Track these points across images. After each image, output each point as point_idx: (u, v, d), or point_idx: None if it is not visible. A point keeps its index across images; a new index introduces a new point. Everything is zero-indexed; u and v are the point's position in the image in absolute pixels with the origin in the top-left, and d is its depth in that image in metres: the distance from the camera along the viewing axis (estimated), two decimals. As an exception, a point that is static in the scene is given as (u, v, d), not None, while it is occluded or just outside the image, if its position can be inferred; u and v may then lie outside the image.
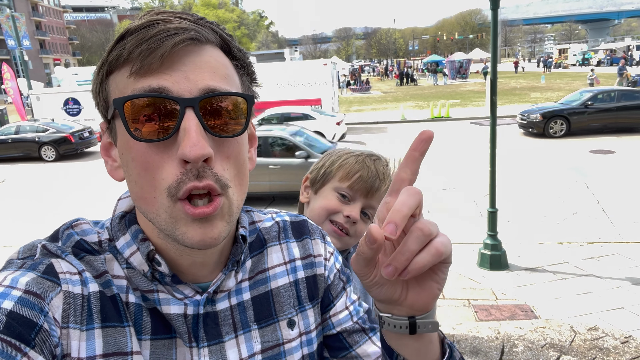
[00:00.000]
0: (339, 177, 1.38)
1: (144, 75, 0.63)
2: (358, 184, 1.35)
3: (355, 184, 1.35)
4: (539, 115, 15.12)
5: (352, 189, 1.36)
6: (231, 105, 0.67)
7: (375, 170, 1.37)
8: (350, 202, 1.36)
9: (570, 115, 14.97)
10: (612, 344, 4.04)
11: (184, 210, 0.64)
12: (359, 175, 1.35)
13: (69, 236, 0.74)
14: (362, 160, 1.39)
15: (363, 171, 1.36)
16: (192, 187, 0.63)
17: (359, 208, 1.35)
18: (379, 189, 1.36)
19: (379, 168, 1.39)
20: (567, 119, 14.97)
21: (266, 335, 0.81)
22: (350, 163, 1.39)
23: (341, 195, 1.37)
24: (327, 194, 1.39)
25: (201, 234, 0.65)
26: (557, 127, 15.06)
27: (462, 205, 8.81)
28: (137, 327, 0.71)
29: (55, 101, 20.38)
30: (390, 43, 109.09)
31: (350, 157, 1.41)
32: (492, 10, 5.59)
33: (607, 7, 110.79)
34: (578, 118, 14.95)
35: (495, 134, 5.89)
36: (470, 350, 4.05)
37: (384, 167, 1.41)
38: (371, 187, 1.35)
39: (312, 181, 1.45)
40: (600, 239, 6.85)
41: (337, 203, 1.36)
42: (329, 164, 1.43)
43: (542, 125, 15.05)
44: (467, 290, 5.47)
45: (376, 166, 1.39)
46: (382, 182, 1.36)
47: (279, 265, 0.87)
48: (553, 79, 40.05)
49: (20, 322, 0.59)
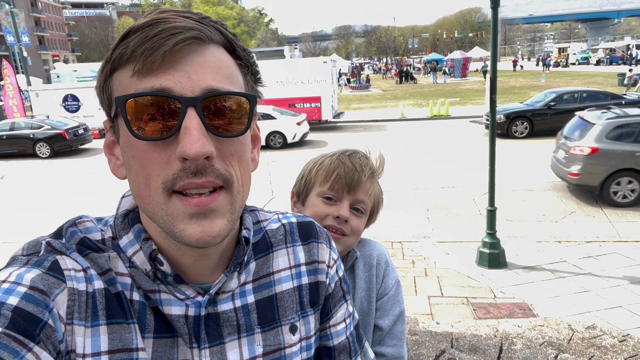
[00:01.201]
0: (319, 182, 1.37)
1: (147, 75, 0.63)
2: (338, 182, 1.34)
3: (335, 183, 1.34)
4: (502, 116, 15.20)
5: (334, 189, 1.35)
6: (233, 105, 0.66)
7: (352, 164, 1.36)
8: (337, 202, 1.35)
9: (533, 116, 15.09)
10: (610, 343, 4.06)
11: (180, 203, 0.64)
12: (337, 173, 1.34)
13: (73, 234, 0.74)
14: (336, 158, 1.39)
15: (340, 168, 1.35)
16: (189, 183, 0.63)
17: (347, 205, 1.34)
18: (359, 181, 1.34)
19: (356, 161, 1.37)
20: (530, 120, 15.10)
21: (268, 339, 0.81)
22: (325, 164, 1.38)
23: (326, 198, 1.36)
24: (313, 201, 1.38)
25: (200, 231, 0.64)
26: (520, 127, 15.18)
27: (461, 204, 8.82)
28: (140, 325, 0.71)
29: (54, 97, 20.34)
30: (390, 41, 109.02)
31: (326, 159, 1.40)
32: (492, 9, 5.59)
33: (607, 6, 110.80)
34: (541, 119, 15.05)
35: (494, 133, 5.90)
36: (469, 348, 4.06)
37: (361, 159, 1.39)
38: (352, 182, 1.34)
39: (297, 194, 1.45)
40: (598, 238, 6.87)
41: (323, 207, 1.35)
42: (307, 172, 1.42)
43: (506, 126, 15.15)
44: (465, 289, 5.49)
45: (352, 160, 1.37)
46: (361, 173, 1.35)
47: (285, 270, 0.87)
48: (553, 77, 40.05)
49: (25, 318, 0.59)
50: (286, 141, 15.61)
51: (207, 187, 0.64)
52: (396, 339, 1.41)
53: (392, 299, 1.44)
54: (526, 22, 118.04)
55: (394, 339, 1.41)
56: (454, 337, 4.25)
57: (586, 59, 61.21)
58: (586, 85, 30.87)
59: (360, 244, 1.49)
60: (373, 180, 1.40)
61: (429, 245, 6.87)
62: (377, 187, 1.43)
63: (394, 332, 1.42)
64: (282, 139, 15.59)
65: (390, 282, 1.44)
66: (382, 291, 1.43)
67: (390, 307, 1.43)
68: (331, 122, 19.89)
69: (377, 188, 1.43)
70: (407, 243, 6.99)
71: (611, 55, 56.96)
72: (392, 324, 1.42)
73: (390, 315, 1.42)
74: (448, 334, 4.30)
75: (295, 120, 15.76)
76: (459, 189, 9.72)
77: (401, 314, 1.44)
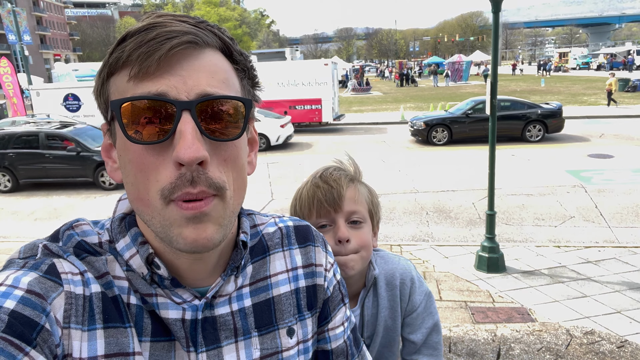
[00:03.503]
0: (307, 215, 1.33)
1: (143, 79, 0.63)
2: (322, 207, 1.30)
3: (320, 209, 1.30)
4: (423, 123, 15.44)
5: (321, 215, 1.31)
6: (229, 109, 0.67)
7: (326, 184, 1.31)
8: (332, 225, 1.30)
9: (452, 124, 15.30)
10: (608, 349, 4.05)
11: (177, 209, 0.64)
12: (316, 199, 1.30)
13: (70, 237, 0.74)
14: (310, 185, 1.34)
15: (317, 193, 1.31)
16: (186, 193, 0.63)
17: (343, 224, 1.29)
18: (340, 195, 1.29)
19: (329, 178, 1.32)
20: (449, 128, 15.30)
21: (266, 342, 0.81)
22: (304, 196, 1.34)
23: (321, 227, 1.31)
24: None
25: (195, 235, 0.64)
26: (439, 135, 15.36)
27: (460, 208, 8.82)
28: (137, 329, 0.71)
29: (55, 97, 20.34)
30: (391, 44, 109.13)
31: (302, 191, 1.36)
32: (493, 13, 5.60)
33: (608, 12, 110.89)
34: (459, 127, 15.27)
35: (494, 137, 5.90)
36: (467, 353, 4.06)
37: (333, 173, 1.34)
38: (334, 200, 1.29)
39: None
40: (597, 243, 6.87)
41: None
42: (293, 211, 1.39)
43: (426, 133, 15.38)
44: (464, 293, 5.48)
45: (324, 179, 1.32)
46: (339, 187, 1.30)
47: (282, 273, 0.87)
48: (553, 82, 40.08)
49: (22, 321, 0.59)
50: (269, 143, 15.63)
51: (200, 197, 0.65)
52: (432, 349, 1.39)
53: (423, 313, 1.40)
54: (527, 27, 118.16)
55: (430, 349, 1.39)
56: (452, 341, 4.25)
57: (587, 64, 61.30)
58: (586, 89, 30.92)
59: (383, 260, 1.43)
60: (355, 185, 1.35)
61: (427, 248, 6.87)
62: (364, 189, 1.38)
63: (430, 342, 1.39)
64: (265, 141, 15.61)
65: (417, 299, 1.40)
66: (410, 309, 1.40)
67: (421, 321, 1.40)
68: (332, 125, 19.89)
69: (364, 190, 1.37)
70: (406, 246, 6.98)
71: (612, 61, 57.03)
72: (426, 337, 1.39)
73: (422, 329, 1.39)
74: (446, 338, 4.30)
75: (279, 123, 15.77)
76: (459, 193, 9.72)
77: (435, 325, 1.40)
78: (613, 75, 22.29)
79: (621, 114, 19.70)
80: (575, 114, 20.28)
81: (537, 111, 14.99)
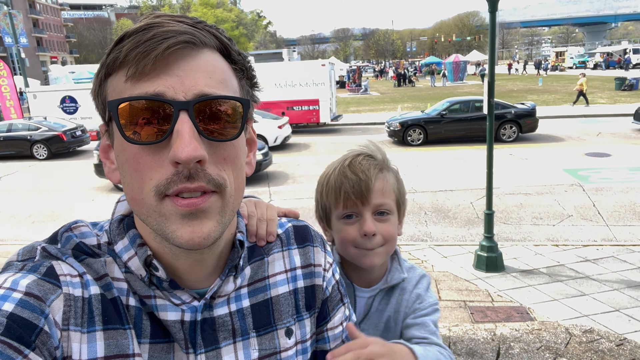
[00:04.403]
0: (333, 204, 1.28)
1: (140, 79, 0.63)
2: (349, 199, 1.23)
3: (347, 201, 1.24)
4: (398, 124, 15.49)
5: (348, 207, 1.25)
6: (227, 109, 0.66)
7: (354, 175, 1.24)
8: (358, 216, 1.24)
9: (427, 124, 15.36)
10: (607, 347, 4.06)
11: (172, 205, 0.63)
12: (344, 190, 1.23)
13: (68, 239, 0.74)
14: (338, 173, 1.27)
15: (345, 184, 1.24)
16: (183, 188, 0.63)
17: (369, 217, 1.23)
18: (369, 189, 1.22)
19: (357, 168, 1.24)
20: (424, 129, 15.35)
21: (264, 343, 0.80)
22: (331, 184, 1.27)
23: (346, 217, 1.26)
24: (337, 226, 1.29)
25: (190, 232, 0.64)
26: (415, 135, 15.42)
27: (459, 207, 8.83)
28: (137, 330, 0.71)
29: (52, 99, 20.30)
30: (388, 44, 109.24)
31: (330, 177, 1.29)
32: (490, 13, 5.61)
33: (604, 11, 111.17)
34: (434, 127, 15.35)
35: (492, 136, 5.91)
36: (466, 352, 4.06)
37: (362, 162, 1.26)
38: (362, 193, 1.22)
39: (321, 220, 1.37)
40: (595, 242, 6.88)
41: (348, 230, 1.26)
42: (319, 197, 1.34)
43: (401, 133, 15.44)
44: (463, 292, 5.48)
45: (353, 169, 1.25)
46: (368, 179, 1.22)
47: (280, 274, 0.87)
48: (550, 81, 40.15)
49: (20, 324, 0.59)
50: (267, 144, 15.64)
51: (199, 192, 0.64)
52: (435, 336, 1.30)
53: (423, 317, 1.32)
54: (524, 26, 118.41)
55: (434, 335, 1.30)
56: (451, 340, 4.25)
57: (583, 63, 61.44)
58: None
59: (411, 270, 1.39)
60: (384, 176, 1.27)
61: (426, 248, 6.87)
62: (391, 178, 1.30)
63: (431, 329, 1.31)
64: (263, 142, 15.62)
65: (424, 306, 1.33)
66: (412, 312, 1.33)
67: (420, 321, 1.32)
68: (329, 125, 19.89)
69: (391, 179, 1.29)
70: (405, 246, 6.99)
71: (608, 60, 57.17)
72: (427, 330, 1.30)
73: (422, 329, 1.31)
74: (446, 337, 4.30)
75: (276, 124, 15.76)
76: (457, 193, 9.73)
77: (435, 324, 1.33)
78: (584, 75, 22.55)
79: (618, 112, 19.74)
80: (572, 112, 20.33)
81: (511, 111, 15.02)
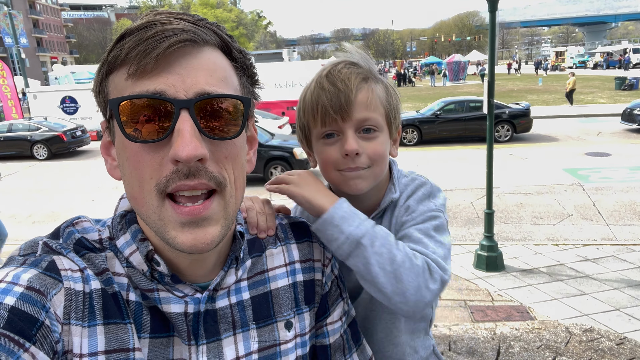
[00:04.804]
0: (311, 122, 1.11)
1: (141, 77, 0.63)
2: (327, 116, 1.06)
3: (324, 117, 1.06)
4: None
5: (326, 123, 1.07)
6: (228, 107, 0.66)
7: (332, 86, 1.06)
8: (339, 135, 1.08)
9: (421, 124, 15.37)
10: (607, 346, 4.06)
11: (173, 211, 0.63)
12: (321, 105, 1.06)
13: (70, 234, 0.74)
14: (314, 85, 1.10)
15: (322, 97, 1.06)
16: (182, 185, 0.63)
17: (352, 135, 1.06)
18: (349, 101, 1.04)
19: (336, 78, 1.06)
20: (418, 129, 15.34)
21: (264, 335, 0.81)
22: (308, 99, 1.10)
23: (326, 137, 1.09)
24: (317, 147, 1.13)
25: (192, 239, 0.64)
26: (409, 135, 15.41)
27: (459, 207, 8.83)
28: (137, 325, 0.71)
29: (52, 99, 20.31)
30: (388, 44, 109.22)
31: (307, 91, 1.12)
32: (489, 13, 5.61)
33: (604, 10, 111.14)
34: (429, 127, 15.35)
35: (492, 136, 5.91)
36: (467, 351, 4.06)
37: (341, 71, 1.08)
38: (341, 107, 1.04)
39: (302, 142, 1.20)
40: (595, 241, 6.88)
41: (329, 150, 1.09)
42: (297, 116, 1.16)
43: None
44: (463, 292, 5.48)
45: (331, 80, 1.07)
46: (348, 90, 1.04)
47: (280, 267, 0.88)
48: (550, 81, 40.14)
49: (21, 317, 0.59)
50: None
51: (200, 189, 0.64)
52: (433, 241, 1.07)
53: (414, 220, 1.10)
54: (524, 26, 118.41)
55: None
56: (451, 339, 4.25)
57: (583, 63, 61.43)
58: (583, 88, 30.96)
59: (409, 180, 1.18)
60: (369, 86, 1.08)
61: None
62: (379, 89, 1.11)
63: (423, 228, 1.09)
64: None
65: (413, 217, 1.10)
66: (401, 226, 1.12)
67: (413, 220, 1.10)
68: (329, 125, 19.87)
69: (379, 90, 1.11)
70: (405, 246, 6.98)
71: (608, 59, 57.17)
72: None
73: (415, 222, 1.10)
74: (446, 336, 4.30)
75: (276, 124, 15.77)
76: (457, 192, 9.72)
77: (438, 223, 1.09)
78: (573, 75, 22.58)
79: (618, 112, 19.73)
80: (572, 112, 20.32)
81: (506, 111, 15.00)
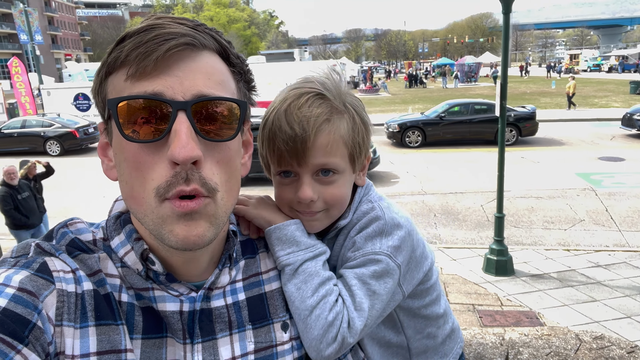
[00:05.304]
0: (268, 156, 0.97)
1: (140, 79, 0.64)
2: (282, 157, 0.92)
3: (280, 159, 0.93)
4: (397, 126, 15.50)
5: (282, 165, 0.93)
6: (224, 111, 0.68)
7: (290, 127, 0.89)
8: (295, 176, 0.94)
9: (425, 126, 15.36)
10: (618, 354, 3.99)
11: (171, 206, 0.65)
12: (277, 147, 0.91)
13: (64, 235, 0.75)
14: (273, 118, 0.93)
15: (278, 138, 0.91)
16: (180, 191, 0.64)
17: (308, 180, 0.92)
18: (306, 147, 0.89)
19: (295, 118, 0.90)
20: (422, 130, 15.32)
21: (260, 335, 0.82)
22: (266, 133, 0.95)
23: (282, 175, 0.96)
24: (274, 180, 0.99)
25: (185, 231, 0.65)
26: (413, 137, 15.41)
27: (469, 210, 8.76)
28: (129, 326, 0.71)
29: (65, 96, 20.58)
30: (400, 45, 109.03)
31: (266, 122, 0.96)
32: (504, 15, 5.55)
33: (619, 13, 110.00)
34: (433, 129, 15.34)
35: (504, 139, 5.86)
36: (474, 356, 4.02)
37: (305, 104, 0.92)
38: (297, 153, 0.89)
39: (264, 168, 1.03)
40: (607, 247, 6.79)
41: (284, 189, 0.96)
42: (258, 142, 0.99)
43: (400, 135, 15.43)
44: (472, 296, 5.44)
45: (290, 120, 0.90)
46: (305, 133, 0.88)
47: (272, 270, 0.90)
48: (563, 84, 39.72)
49: (13, 319, 0.59)
50: None
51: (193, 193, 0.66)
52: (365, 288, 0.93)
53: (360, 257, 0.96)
54: (538, 28, 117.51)
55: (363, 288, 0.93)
56: (459, 344, 4.21)
57: (598, 66, 60.76)
58: (597, 92, 30.64)
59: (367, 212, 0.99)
60: (330, 127, 0.91)
61: (435, 251, 6.83)
62: (343, 127, 0.93)
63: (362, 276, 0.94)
64: None
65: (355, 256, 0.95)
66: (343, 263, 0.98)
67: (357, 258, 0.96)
68: (340, 125, 19.89)
69: (343, 128, 0.93)
70: (414, 248, 6.95)
71: (624, 63, 56.48)
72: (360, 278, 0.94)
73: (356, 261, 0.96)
74: (453, 341, 4.26)
75: None
76: (467, 195, 9.66)
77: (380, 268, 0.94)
78: (573, 78, 22.43)
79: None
80: (586, 116, 20.10)
81: (511, 114, 14.83)
